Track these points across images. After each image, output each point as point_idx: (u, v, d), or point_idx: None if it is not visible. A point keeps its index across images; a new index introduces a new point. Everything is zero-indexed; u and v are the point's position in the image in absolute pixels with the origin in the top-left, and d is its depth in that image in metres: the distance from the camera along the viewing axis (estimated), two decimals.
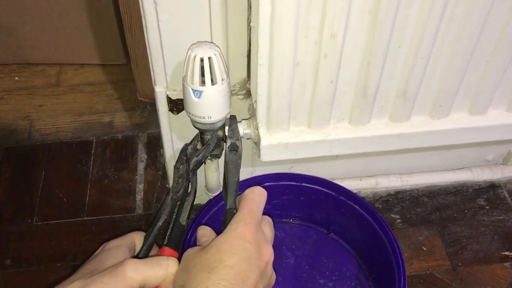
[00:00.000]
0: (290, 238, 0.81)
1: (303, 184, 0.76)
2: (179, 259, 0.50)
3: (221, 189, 0.76)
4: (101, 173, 0.89)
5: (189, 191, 0.59)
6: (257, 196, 0.53)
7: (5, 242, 0.80)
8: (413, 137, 0.64)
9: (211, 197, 0.75)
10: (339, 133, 0.63)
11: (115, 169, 0.90)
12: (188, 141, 0.63)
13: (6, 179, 0.88)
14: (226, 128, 0.63)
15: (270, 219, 0.55)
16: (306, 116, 0.61)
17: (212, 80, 0.57)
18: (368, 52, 0.55)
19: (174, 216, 0.57)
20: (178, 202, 0.58)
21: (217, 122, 0.61)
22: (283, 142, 0.62)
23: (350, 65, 0.56)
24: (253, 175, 0.79)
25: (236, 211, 0.51)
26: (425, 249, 0.80)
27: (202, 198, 0.76)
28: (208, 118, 0.60)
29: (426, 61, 0.57)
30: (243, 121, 0.65)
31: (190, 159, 0.61)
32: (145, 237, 0.55)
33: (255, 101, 0.59)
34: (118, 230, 0.81)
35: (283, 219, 0.82)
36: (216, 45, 0.56)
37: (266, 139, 0.62)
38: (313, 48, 0.54)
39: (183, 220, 0.57)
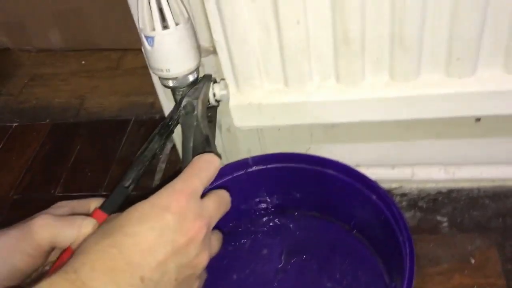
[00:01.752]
0: (305, 233, 0.69)
1: (314, 167, 0.65)
2: None
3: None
4: (129, 150, 0.87)
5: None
6: (203, 164, 0.45)
7: (26, 208, 0.81)
8: (425, 102, 0.50)
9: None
10: (324, 94, 0.51)
11: None
12: None
13: (45, 151, 0.90)
14: None
15: (225, 195, 0.46)
16: (280, 70, 0.50)
17: (164, 25, 0.50)
18: None
19: (122, 179, 0.51)
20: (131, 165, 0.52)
21: (180, 77, 0.53)
22: (254, 102, 0.52)
23: None
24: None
25: None
26: (473, 261, 0.62)
27: None
28: (166, 71, 0.53)
29: None
30: (221, 81, 0.56)
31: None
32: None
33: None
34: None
35: (299, 210, 0.70)
36: None
37: (235, 98, 0.53)
38: None
39: (128, 183, 0.51)
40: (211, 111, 0.57)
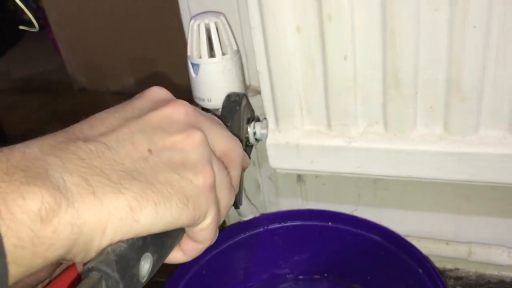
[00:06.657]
0: None
1: (358, 230, 0.59)
2: None
3: (253, 212, 0.64)
4: None
5: None
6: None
7: None
8: (482, 162, 0.44)
9: (242, 221, 0.63)
10: (369, 140, 0.46)
11: None
12: None
13: None
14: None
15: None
16: (322, 110, 0.47)
17: (211, 54, 0.49)
18: (388, 14, 0.40)
19: None
20: None
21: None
22: (292, 142, 0.48)
23: (367, 33, 0.42)
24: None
25: None
26: None
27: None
28: (208, 101, 0.51)
29: (485, 33, 0.39)
30: (264, 120, 0.53)
31: None
32: None
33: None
34: None
35: (334, 276, 0.64)
36: (223, 14, 0.49)
37: (273, 136, 0.49)
38: (312, 4, 0.42)
39: None
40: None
